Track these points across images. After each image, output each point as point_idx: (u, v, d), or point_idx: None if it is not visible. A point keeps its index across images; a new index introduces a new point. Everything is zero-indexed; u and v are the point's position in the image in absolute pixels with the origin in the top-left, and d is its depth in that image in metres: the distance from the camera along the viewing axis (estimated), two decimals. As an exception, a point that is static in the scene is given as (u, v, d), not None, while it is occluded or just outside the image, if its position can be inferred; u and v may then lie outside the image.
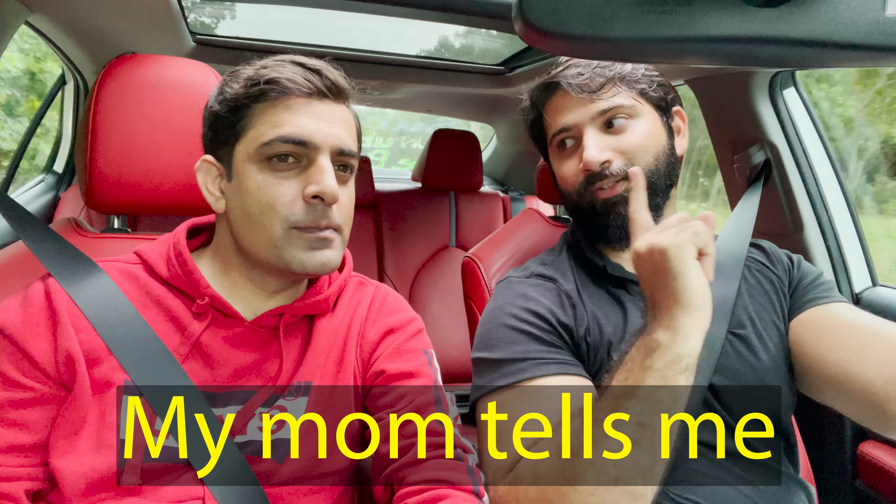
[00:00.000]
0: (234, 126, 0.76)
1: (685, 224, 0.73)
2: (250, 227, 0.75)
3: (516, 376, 0.83)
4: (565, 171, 0.97)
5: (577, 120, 0.92)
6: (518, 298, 0.92)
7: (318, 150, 0.74)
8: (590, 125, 0.91)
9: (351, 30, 2.08)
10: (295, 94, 0.74)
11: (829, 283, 0.95)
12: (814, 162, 1.37)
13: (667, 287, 0.70)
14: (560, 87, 0.94)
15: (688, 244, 0.70)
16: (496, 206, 2.70)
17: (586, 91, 0.91)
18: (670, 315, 0.70)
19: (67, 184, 2.13)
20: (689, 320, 0.70)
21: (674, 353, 0.69)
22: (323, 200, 0.73)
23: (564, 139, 0.95)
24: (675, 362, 0.69)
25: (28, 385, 0.69)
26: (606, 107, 0.90)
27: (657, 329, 0.71)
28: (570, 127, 0.93)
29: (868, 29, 0.37)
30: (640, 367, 0.70)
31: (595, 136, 0.91)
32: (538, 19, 0.39)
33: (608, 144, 0.91)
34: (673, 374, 0.68)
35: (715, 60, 0.42)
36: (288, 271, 0.76)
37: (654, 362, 0.69)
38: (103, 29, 1.56)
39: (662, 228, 0.74)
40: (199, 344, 0.76)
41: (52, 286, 0.74)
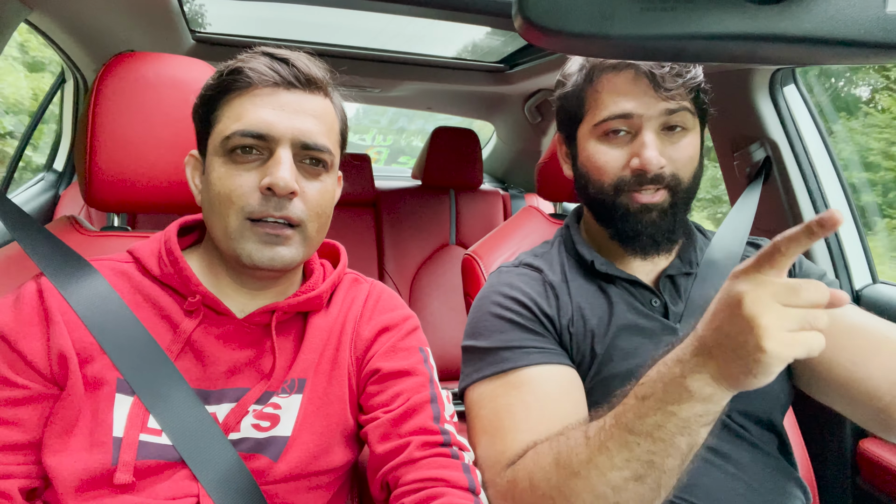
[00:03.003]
0: (207, 120, 0.77)
1: (812, 313, 0.57)
2: (213, 219, 0.76)
3: (501, 365, 0.84)
4: (608, 159, 0.88)
5: (642, 111, 0.85)
6: (503, 287, 0.93)
7: (278, 142, 0.73)
8: (653, 121, 0.85)
9: (351, 28, 2.08)
10: (260, 85, 0.74)
11: (833, 284, 0.92)
12: (814, 159, 1.37)
13: (733, 366, 0.59)
14: (631, 68, 0.85)
15: (793, 356, 0.56)
16: (496, 204, 2.70)
17: (663, 85, 0.83)
18: (717, 381, 0.61)
19: (68, 182, 2.14)
20: (734, 392, 0.62)
21: (705, 408, 0.62)
22: (274, 192, 0.72)
23: (618, 127, 0.87)
24: (703, 416, 0.62)
25: (21, 383, 0.69)
26: (675, 107, 0.84)
27: (695, 380, 0.61)
28: (631, 115, 0.85)
29: (868, 25, 0.37)
30: (663, 411, 0.63)
31: (655, 136, 0.85)
32: (538, 17, 0.39)
33: (666, 151, 0.86)
34: (697, 426, 0.62)
35: (715, 58, 0.42)
36: (241, 264, 0.75)
37: (681, 411, 0.62)
38: (103, 27, 1.56)
39: (788, 299, 0.56)
40: (192, 341, 0.76)
41: (44, 285, 0.74)
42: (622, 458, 0.65)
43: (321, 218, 0.78)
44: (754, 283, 0.58)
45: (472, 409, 0.86)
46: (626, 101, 0.85)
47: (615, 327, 0.88)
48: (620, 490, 0.66)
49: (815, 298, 0.56)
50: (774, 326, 0.55)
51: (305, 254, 0.78)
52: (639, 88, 0.85)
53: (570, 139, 0.96)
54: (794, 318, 0.56)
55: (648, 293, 0.92)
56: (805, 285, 0.56)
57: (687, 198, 0.89)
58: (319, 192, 0.77)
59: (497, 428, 0.81)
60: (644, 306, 0.91)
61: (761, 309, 0.56)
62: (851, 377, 0.78)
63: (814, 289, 0.56)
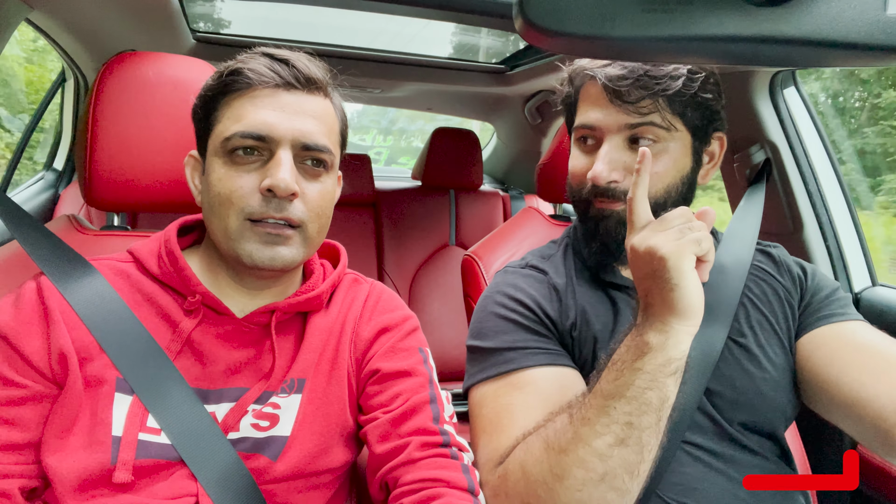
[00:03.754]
0: (206, 120, 0.77)
1: (686, 225, 0.71)
2: (212, 219, 0.76)
3: (505, 366, 0.84)
4: (576, 164, 0.93)
5: (602, 124, 0.87)
6: (508, 288, 0.93)
7: (278, 144, 0.73)
8: (613, 134, 0.87)
9: (352, 28, 2.08)
10: (260, 86, 0.74)
11: (844, 299, 0.91)
12: (814, 161, 1.37)
13: (662, 294, 0.70)
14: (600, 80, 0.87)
15: (688, 253, 0.69)
16: (496, 205, 2.70)
17: (620, 99, 0.85)
18: (663, 320, 0.71)
19: (67, 181, 2.13)
20: (682, 326, 0.70)
21: (664, 356, 0.70)
22: (275, 194, 0.72)
23: (586, 136, 0.91)
24: (665, 365, 0.70)
25: (21, 383, 0.69)
26: (635, 122, 0.85)
27: (648, 331, 0.71)
28: (594, 127, 0.88)
29: (869, 28, 0.37)
30: (629, 369, 0.70)
31: (613, 149, 0.86)
32: (539, 18, 0.39)
33: (623, 162, 0.86)
34: (662, 377, 0.69)
35: (715, 60, 0.42)
36: (242, 265, 0.75)
37: (645, 364, 0.70)
38: (103, 26, 1.56)
39: (662, 227, 0.71)
40: (191, 341, 0.76)
41: (44, 284, 0.74)
42: (602, 424, 0.69)
43: (322, 218, 0.78)
44: (633, 233, 0.74)
45: (474, 408, 0.87)
46: (593, 111, 0.88)
47: (618, 334, 0.87)
48: (606, 457, 0.69)
49: (681, 215, 0.72)
50: (661, 240, 0.69)
51: (306, 254, 0.78)
52: (603, 100, 0.87)
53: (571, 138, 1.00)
54: (674, 232, 0.70)
55: None
56: (669, 214, 0.72)
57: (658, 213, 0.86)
58: (320, 193, 0.77)
59: (496, 427, 0.81)
60: None
61: (647, 239, 0.71)
62: (858, 397, 0.77)
63: (676, 212, 0.72)
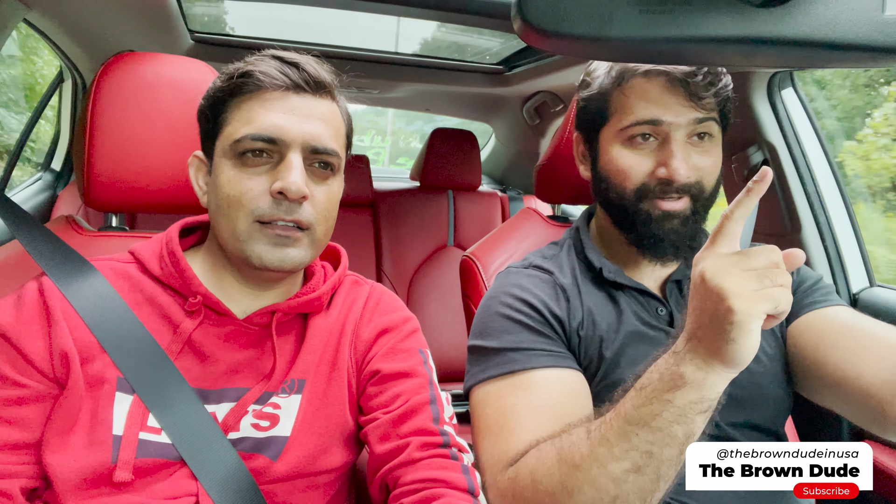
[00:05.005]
0: (214, 121, 0.77)
1: (769, 271, 0.61)
2: (220, 221, 0.76)
3: (508, 366, 0.84)
4: (632, 164, 0.87)
5: (672, 119, 0.84)
6: (513, 288, 0.92)
7: (289, 147, 0.73)
8: (682, 130, 0.84)
9: (350, 29, 2.08)
10: (270, 88, 0.74)
11: (828, 287, 0.93)
12: (812, 162, 1.37)
13: (714, 339, 0.62)
14: (663, 75, 0.84)
15: (761, 313, 0.59)
16: (494, 206, 2.70)
17: (695, 92, 0.82)
18: (706, 361, 0.63)
19: (65, 181, 2.13)
20: (725, 372, 0.64)
21: (698, 394, 0.64)
22: (287, 197, 0.72)
23: (645, 133, 0.86)
24: (698, 402, 0.64)
25: (23, 383, 0.69)
26: (704, 117, 0.84)
27: (687, 364, 0.64)
28: (661, 122, 0.84)
29: (867, 29, 0.37)
30: (659, 399, 0.65)
31: (685, 146, 0.85)
32: (537, 19, 0.39)
33: (692, 159, 0.85)
34: (692, 414, 0.64)
35: (713, 61, 0.42)
36: (250, 266, 0.75)
37: (676, 398, 0.64)
38: (101, 26, 1.56)
39: (743, 264, 0.61)
40: (192, 341, 0.76)
41: (45, 285, 0.74)
42: (621, 448, 0.66)
43: (329, 220, 0.79)
44: (712, 258, 0.63)
45: (476, 408, 0.86)
46: (656, 107, 0.84)
47: (623, 334, 0.88)
48: (621, 482, 0.66)
49: (768, 259, 0.61)
50: (737, 287, 0.59)
51: (313, 255, 0.78)
52: (670, 96, 0.84)
53: (591, 141, 0.95)
54: (754, 278, 0.60)
55: (655, 301, 0.92)
56: (756, 251, 0.62)
57: (708, 205, 0.88)
58: (327, 195, 0.78)
59: (501, 428, 0.80)
60: (650, 315, 0.91)
61: (722, 276, 0.61)
62: (843, 376, 0.78)
63: (765, 252, 0.62)
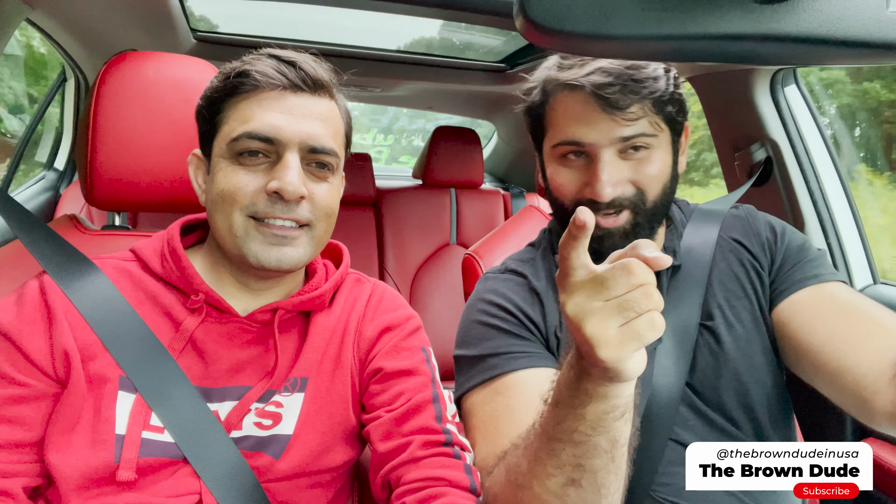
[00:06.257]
0: (212, 121, 0.77)
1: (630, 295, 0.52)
2: (216, 217, 0.76)
3: (489, 372, 0.84)
4: (563, 182, 0.87)
5: (595, 140, 0.82)
6: (489, 294, 0.92)
7: (286, 147, 0.73)
8: (608, 148, 0.82)
9: (352, 27, 2.08)
10: (267, 88, 0.74)
11: (817, 257, 0.89)
12: (815, 159, 1.37)
13: (596, 369, 0.56)
14: (582, 90, 0.81)
15: (631, 352, 0.53)
16: (497, 204, 2.70)
17: (611, 107, 0.80)
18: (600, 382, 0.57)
19: (68, 181, 2.14)
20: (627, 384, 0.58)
21: (609, 404, 0.58)
22: (282, 197, 0.72)
23: (574, 151, 0.84)
24: (611, 412, 0.59)
25: (24, 382, 0.69)
26: (630, 134, 0.81)
27: (587, 382, 0.58)
28: (583, 143, 0.82)
29: (870, 26, 0.37)
30: (572, 415, 0.60)
31: (611, 163, 0.82)
32: (539, 17, 0.39)
33: (623, 174, 0.82)
34: (609, 423, 0.59)
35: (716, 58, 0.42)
36: (247, 265, 0.76)
37: (588, 412, 0.59)
38: (104, 26, 1.56)
39: (601, 295, 0.53)
40: (194, 339, 0.76)
41: (46, 283, 0.74)
42: (552, 465, 0.63)
43: (329, 218, 0.79)
44: (568, 290, 0.55)
45: (466, 418, 0.86)
46: (579, 126, 0.82)
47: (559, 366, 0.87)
48: (562, 496, 0.63)
49: (626, 283, 0.52)
50: (599, 331, 0.52)
51: (312, 254, 0.78)
52: (590, 113, 0.81)
53: (539, 151, 0.94)
54: (616, 312, 0.52)
55: None
56: (610, 273, 0.53)
57: (654, 212, 0.85)
58: (327, 194, 0.78)
59: (485, 435, 0.81)
60: None
61: (581, 315, 0.53)
62: (840, 366, 0.77)
63: (621, 273, 0.52)
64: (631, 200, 0.83)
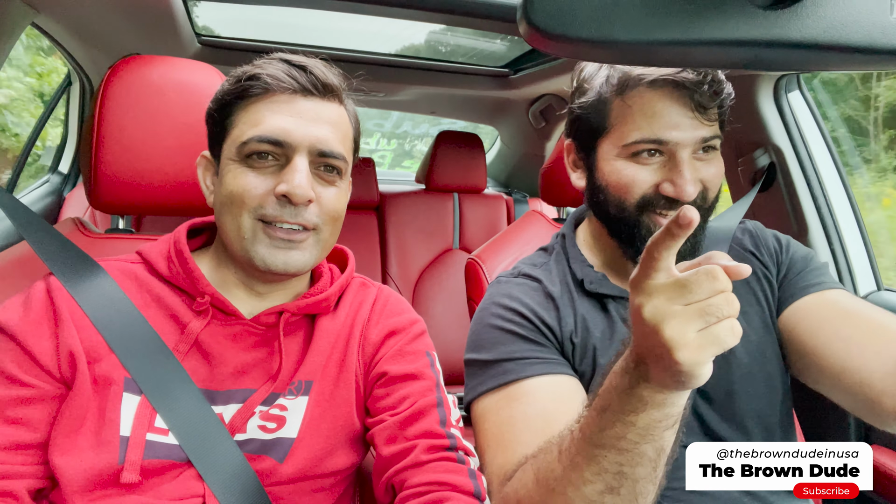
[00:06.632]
0: (222, 124, 0.78)
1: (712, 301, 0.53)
2: (225, 219, 0.76)
3: (503, 377, 0.83)
4: (634, 178, 0.83)
5: (680, 139, 0.80)
6: (503, 298, 0.92)
7: (295, 150, 0.74)
8: (689, 148, 0.81)
9: (357, 32, 2.09)
10: (277, 91, 0.74)
11: (821, 267, 0.91)
12: (819, 165, 1.37)
13: (665, 376, 0.56)
14: (669, 85, 0.80)
15: (710, 357, 0.53)
16: (500, 208, 2.70)
17: (701, 108, 0.79)
18: (663, 389, 0.58)
19: (73, 184, 2.14)
20: (685, 392, 0.59)
21: (662, 413, 0.59)
22: (290, 200, 0.73)
23: (650, 150, 0.82)
24: (662, 421, 0.59)
25: (30, 383, 0.69)
26: (710, 135, 0.81)
27: (644, 388, 0.58)
28: (666, 142, 0.81)
29: (874, 32, 0.37)
30: (622, 422, 0.60)
31: (691, 163, 0.81)
32: (542, 22, 0.39)
33: (698, 174, 0.82)
34: (660, 431, 0.60)
35: (719, 64, 0.42)
36: (254, 268, 0.76)
37: (639, 420, 0.59)
38: (109, 30, 1.57)
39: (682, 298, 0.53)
40: (199, 342, 0.76)
41: (53, 285, 0.74)
42: (592, 472, 0.62)
43: (336, 222, 0.79)
44: (647, 292, 0.55)
45: (477, 422, 0.86)
46: (662, 126, 0.80)
47: (617, 342, 0.87)
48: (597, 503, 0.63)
49: (709, 289, 0.52)
50: (679, 334, 0.52)
51: (318, 257, 0.79)
52: (677, 110, 0.80)
53: (587, 150, 0.91)
54: (696, 316, 0.53)
55: None
56: (694, 278, 0.53)
57: (709, 213, 0.87)
58: (335, 198, 0.78)
59: (499, 442, 0.80)
60: None
61: (661, 318, 0.53)
62: (845, 367, 0.77)
63: (705, 278, 0.53)
64: (697, 199, 0.83)
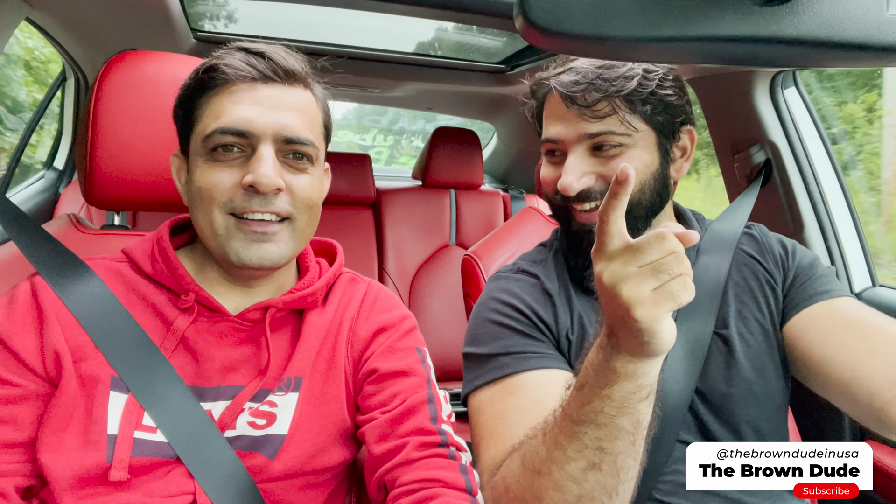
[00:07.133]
0: (187, 119, 0.77)
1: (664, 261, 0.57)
2: (198, 217, 0.75)
3: (500, 371, 0.84)
4: (545, 175, 0.92)
5: (563, 136, 0.86)
6: (501, 293, 0.93)
7: (259, 139, 0.73)
8: (576, 145, 0.86)
9: (353, 28, 2.08)
10: (237, 81, 0.73)
11: (827, 274, 0.91)
12: (814, 162, 1.37)
13: (630, 340, 0.60)
14: (557, 91, 0.87)
15: (665, 313, 0.57)
16: (496, 205, 2.70)
17: (576, 105, 0.84)
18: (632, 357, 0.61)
19: (68, 180, 2.14)
20: (656, 360, 0.62)
21: (634, 384, 0.62)
22: (258, 190, 0.72)
23: (552, 149, 0.90)
24: (636, 392, 0.63)
25: (15, 382, 0.69)
26: (595, 131, 0.84)
27: (615, 359, 0.62)
28: (556, 140, 0.88)
29: (870, 28, 0.37)
30: (598, 396, 0.63)
31: (579, 158, 0.85)
32: (539, 18, 0.39)
33: (592, 168, 0.85)
34: (634, 403, 0.63)
35: (716, 60, 0.42)
36: (230, 263, 0.75)
37: (614, 392, 0.63)
38: (104, 25, 1.56)
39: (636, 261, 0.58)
40: (186, 339, 0.76)
41: (38, 284, 0.74)
42: (574, 449, 0.65)
43: (311, 210, 0.78)
44: (604, 259, 0.60)
45: (473, 415, 0.86)
46: (555, 124, 0.88)
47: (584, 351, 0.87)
48: (581, 481, 0.65)
49: (660, 249, 0.57)
50: (635, 293, 0.57)
51: (295, 249, 0.78)
52: (561, 110, 0.87)
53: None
54: (650, 275, 0.57)
55: None
56: (646, 240, 0.58)
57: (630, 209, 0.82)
58: (307, 185, 0.77)
59: (492, 434, 0.80)
60: None
61: (619, 281, 0.58)
62: (853, 377, 0.77)
63: (655, 240, 0.57)
64: (602, 194, 0.84)
